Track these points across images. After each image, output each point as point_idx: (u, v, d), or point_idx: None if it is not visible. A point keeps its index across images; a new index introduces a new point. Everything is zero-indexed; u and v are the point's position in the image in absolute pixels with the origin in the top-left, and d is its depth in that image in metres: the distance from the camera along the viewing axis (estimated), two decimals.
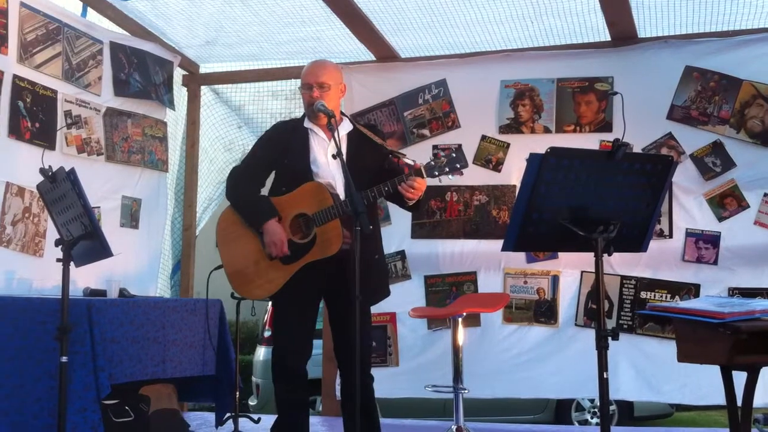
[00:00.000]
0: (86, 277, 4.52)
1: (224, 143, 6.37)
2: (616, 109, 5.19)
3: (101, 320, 3.88)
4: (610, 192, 2.80)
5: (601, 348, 2.73)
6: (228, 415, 4.70)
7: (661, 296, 5.09)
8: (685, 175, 5.05)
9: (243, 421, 4.73)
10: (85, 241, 3.33)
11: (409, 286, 5.51)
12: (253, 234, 3.67)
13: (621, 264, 5.10)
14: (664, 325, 4.93)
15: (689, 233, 5.08)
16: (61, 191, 3.38)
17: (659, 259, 5.04)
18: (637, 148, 5.01)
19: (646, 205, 2.88)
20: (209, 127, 6.33)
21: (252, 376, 8.36)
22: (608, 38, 5.27)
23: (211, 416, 5.29)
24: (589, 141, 5.18)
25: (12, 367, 3.90)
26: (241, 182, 3.79)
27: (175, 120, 6.04)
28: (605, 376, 2.73)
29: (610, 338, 2.75)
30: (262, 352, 8.24)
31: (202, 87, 6.27)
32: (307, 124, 3.75)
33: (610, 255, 2.80)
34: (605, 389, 2.73)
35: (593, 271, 4.97)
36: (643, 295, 5.11)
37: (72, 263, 3.41)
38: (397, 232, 5.51)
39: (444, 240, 5.51)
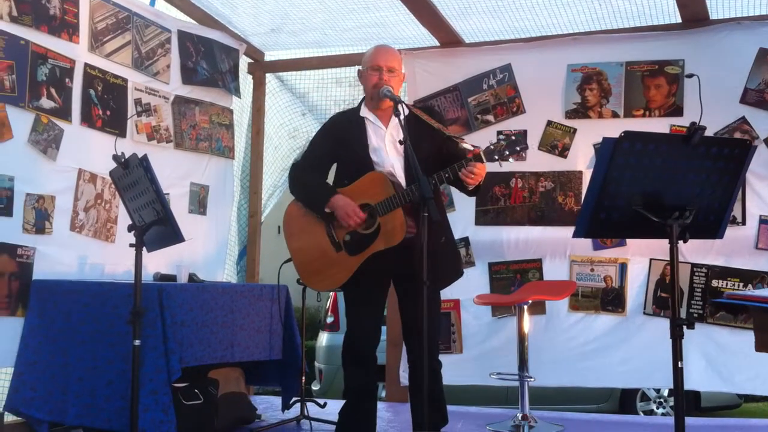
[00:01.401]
0: (156, 262, 4.60)
1: (288, 130, 6.41)
2: (687, 92, 5.07)
3: (171, 304, 3.95)
4: (686, 177, 2.73)
5: (676, 337, 2.67)
6: (294, 399, 4.75)
7: (733, 285, 4.96)
8: (758, 160, 4.85)
9: (309, 406, 4.78)
10: (157, 227, 3.39)
11: (473, 273, 5.46)
12: (319, 226, 3.69)
13: (692, 252, 4.97)
14: (737, 315, 4.81)
15: (763, 220, 4.94)
16: (133, 178, 3.44)
17: (731, 247, 4.90)
18: (709, 133, 4.84)
19: (723, 190, 2.80)
20: (274, 114, 6.38)
21: (315, 362, 8.44)
22: (679, 20, 5.14)
23: (276, 400, 5.36)
24: (659, 125, 5.05)
25: (84, 350, 4.01)
26: (302, 173, 3.81)
27: (240, 107, 6.10)
28: (680, 365, 2.67)
29: (684, 327, 2.69)
30: (324, 338, 8.31)
31: (267, 74, 6.32)
32: (363, 112, 3.75)
33: (685, 242, 2.74)
34: (680, 379, 2.67)
35: (662, 258, 5.00)
36: (714, 283, 4.98)
37: (144, 248, 3.48)
38: (461, 218, 5.48)
39: (509, 227, 5.46)
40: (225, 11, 5.62)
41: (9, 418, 4.28)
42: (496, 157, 3.46)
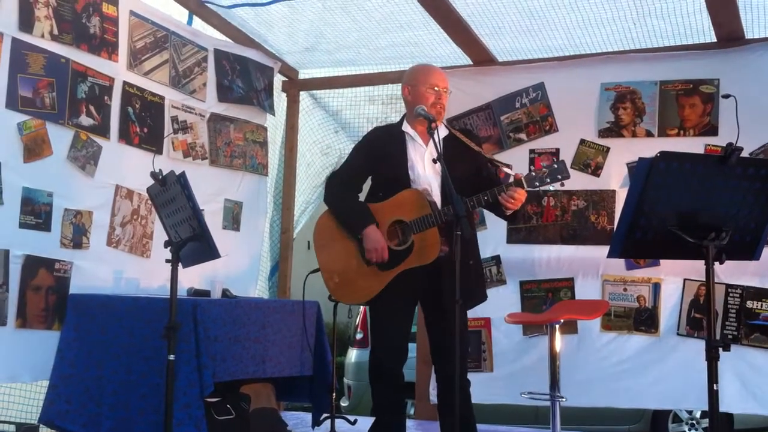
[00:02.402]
0: (190, 277, 4.63)
1: (321, 148, 6.46)
2: (722, 112, 5.03)
3: (205, 319, 3.97)
4: (722, 198, 2.72)
5: (712, 359, 2.66)
6: (325, 415, 4.75)
7: None
8: None
9: (339, 422, 4.77)
10: (192, 243, 3.42)
11: (503, 291, 5.46)
12: (350, 239, 3.71)
13: (726, 272, 4.90)
14: None
15: None
16: (170, 194, 3.49)
17: (767, 268, 4.84)
18: (744, 153, 4.80)
19: (760, 211, 2.78)
20: (307, 131, 6.44)
21: (344, 378, 8.44)
22: (714, 39, 5.11)
23: (306, 416, 5.36)
24: (693, 145, 5.02)
25: (119, 364, 4.04)
26: (340, 188, 3.85)
27: (274, 125, 6.16)
28: (715, 387, 2.65)
29: (720, 349, 2.67)
30: (354, 354, 8.31)
31: (301, 92, 6.38)
32: (405, 127, 3.78)
33: (721, 263, 2.72)
34: (715, 401, 2.65)
35: (696, 279, 4.95)
36: (749, 304, 4.92)
37: (179, 264, 3.52)
38: (492, 236, 5.47)
39: (540, 245, 5.43)
40: (261, 30, 5.69)
41: (44, 430, 4.33)
42: (537, 184, 3.49)
